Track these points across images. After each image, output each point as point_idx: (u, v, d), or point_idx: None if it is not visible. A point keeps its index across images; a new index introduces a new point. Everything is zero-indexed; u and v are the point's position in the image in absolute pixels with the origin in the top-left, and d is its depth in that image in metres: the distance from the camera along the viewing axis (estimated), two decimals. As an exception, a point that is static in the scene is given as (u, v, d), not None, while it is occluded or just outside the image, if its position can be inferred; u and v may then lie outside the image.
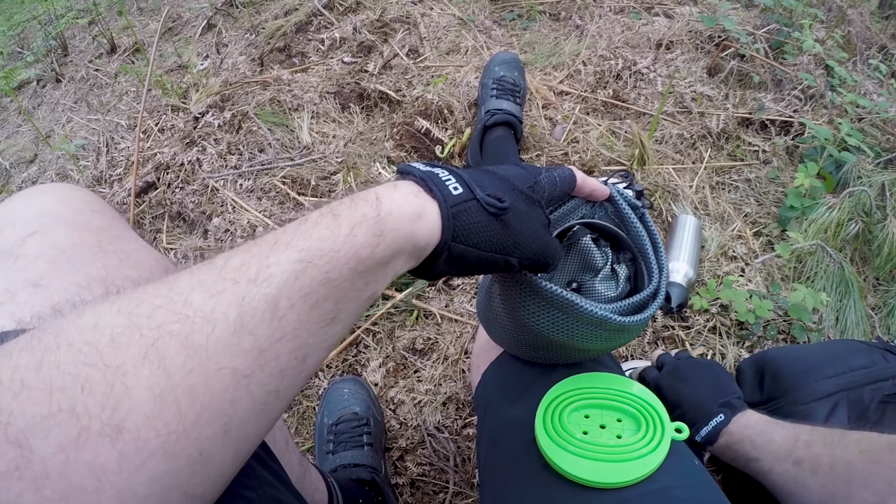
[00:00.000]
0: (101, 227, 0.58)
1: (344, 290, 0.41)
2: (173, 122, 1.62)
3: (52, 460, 0.29)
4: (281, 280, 0.38)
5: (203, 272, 0.38)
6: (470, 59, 1.76)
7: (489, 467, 0.71)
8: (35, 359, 0.32)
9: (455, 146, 1.53)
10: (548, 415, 0.63)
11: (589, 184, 0.64)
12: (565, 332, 0.61)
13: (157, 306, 0.35)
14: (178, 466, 0.33)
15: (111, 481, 0.31)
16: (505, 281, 0.64)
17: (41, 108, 1.95)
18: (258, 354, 0.36)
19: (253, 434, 0.38)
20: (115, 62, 2.01)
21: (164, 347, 0.33)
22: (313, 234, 0.41)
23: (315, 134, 1.60)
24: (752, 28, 1.76)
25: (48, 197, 0.59)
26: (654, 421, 0.62)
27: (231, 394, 0.35)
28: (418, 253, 0.46)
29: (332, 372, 1.25)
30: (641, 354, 1.22)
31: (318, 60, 1.78)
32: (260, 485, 0.48)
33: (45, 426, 0.30)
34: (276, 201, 1.48)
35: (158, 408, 0.32)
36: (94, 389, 0.31)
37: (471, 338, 1.26)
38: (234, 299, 0.36)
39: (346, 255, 0.40)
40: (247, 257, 0.39)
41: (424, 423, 1.18)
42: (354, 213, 0.42)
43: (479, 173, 0.53)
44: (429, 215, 0.46)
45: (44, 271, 0.49)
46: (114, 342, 0.33)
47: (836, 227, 1.37)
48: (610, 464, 0.58)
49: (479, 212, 0.49)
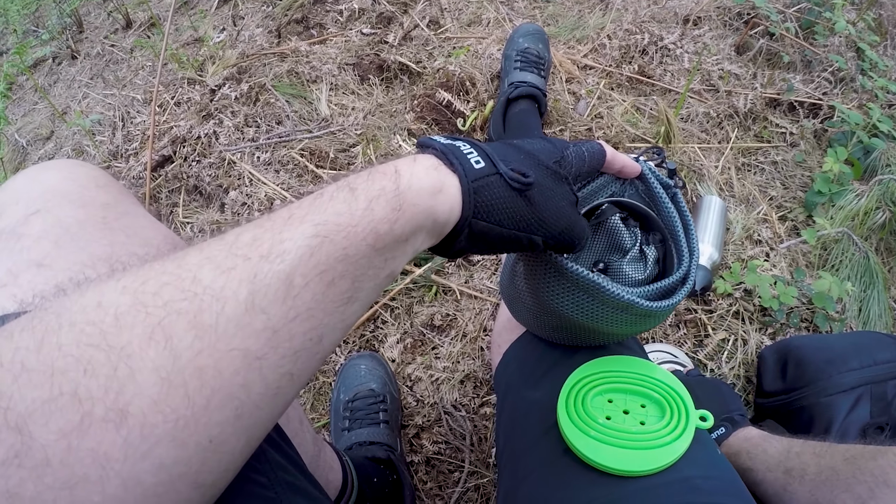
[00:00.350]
0: (107, 203, 0.56)
1: (362, 268, 0.39)
2: (189, 96, 1.61)
3: (54, 447, 0.28)
4: (295, 256, 0.36)
5: (213, 248, 0.36)
6: (492, 30, 1.72)
7: (508, 449, 0.70)
8: (36, 340, 0.30)
9: (477, 119, 1.50)
10: (570, 398, 0.62)
11: (619, 160, 0.61)
12: (590, 315, 0.59)
13: (164, 283, 0.33)
14: (188, 454, 0.31)
15: (115, 470, 0.29)
16: (529, 260, 0.62)
17: (57, 85, 1.94)
18: (271, 335, 0.35)
19: (266, 419, 0.36)
20: (131, 37, 1.99)
21: (172, 327, 0.32)
22: (329, 209, 0.39)
23: (334, 106, 1.58)
24: (782, 6, 1.70)
25: (52, 174, 0.57)
26: (678, 408, 0.61)
27: (242, 377, 0.33)
28: (439, 229, 0.44)
29: (349, 348, 1.25)
30: (663, 337, 1.20)
31: (337, 32, 1.75)
32: (272, 469, 0.46)
33: (45, 411, 0.28)
34: (293, 174, 1.47)
35: (165, 391, 0.31)
36: (97, 372, 0.30)
37: (490, 315, 1.24)
38: (246, 276, 0.34)
39: (364, 230, 0.39)
40: (259, 232, 0.37)
41: (441, 401, 1.17)
42: (372, 187, 0.40)
43: (503, 147, 0.51)
44: (449, 190, 0.44)
45: (47, 251, 0.48)
46: (118, 321, 0.31)
47: (863, 216, 1.34)
48: (633, 451, 0.57)
49: (503, 187, 0.46)
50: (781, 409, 1.02)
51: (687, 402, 0.61)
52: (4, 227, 0.50)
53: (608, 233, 0.66)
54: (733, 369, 1.17)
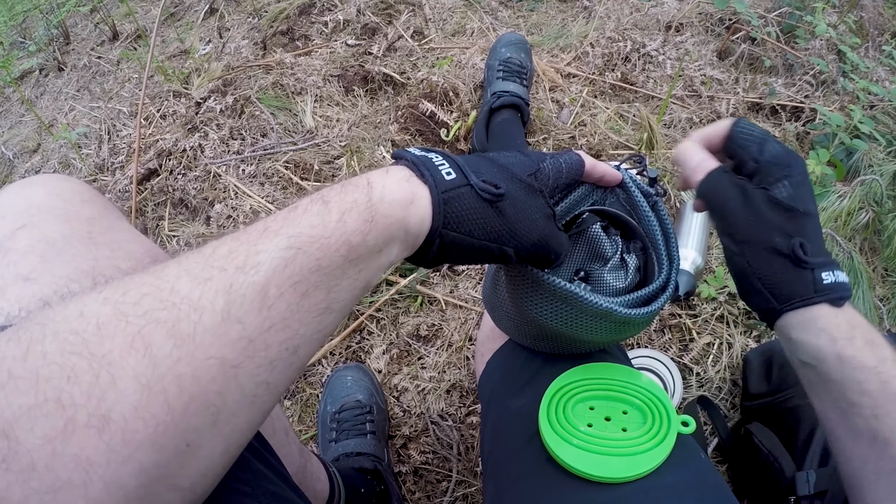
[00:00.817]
0: (92, 217, 0.57)
1: (336, 278, 0.40)
2: (175, 108, 1.61)
3: (39, 452, 0.29)
4: (269, 268, 0.37)
5: (191, 260, 0.37)
6: (476, 40, 1.73)
7: (492, 459, 0.70)
8: (21, 349, 0.31)
9: (460, 129, 1.50)
10: (552, 406, 0.62)
11: (599, 169, 0.62)
12: (570, 323, 0.59)
13: (143, 294, 0.34)
14: (167, 458, 0.32)
15: (99, 474, 0.30)
16: (510, 270, 0.62)
17: (44, 97, 1.94)
18: (247, 344, 0.35)
19: (244, 426, 0.37)
20: (118, 49, 1.99)
21: (151, 336, 0.33)
22: (303, 221, 0.40)
23: (318, 118, 1.58)
24: (763, 11, 1.72)
25: (37, 189, 0.57)
26: (660, 414, 0.61)
27: (219, 384, 0.34)
28: (412, 240, 0.45)
29: (336, 359, 1.25)
30: (648, 342, 1.21)
31: (322, 43, 1.76)
32: (255, 479, 0.47)
33: (31, 417, 0.29)
34: (278, 186, 1.47)
35: (146, 398, 0.31)
36: (79, 379, 0.30)
37: (475, 324, 1.24)
38: (222, 287, 0.35)
39: (337, 241, 0.40)
40: (235, 245, 0.38)
41: (428, 411, 1.17)
42: (345, 199, 0.42)
43: (476, 159, 0.52)
44: (420, 201, 0.45)
45: (33, 265, 0.48)
46: (99, 330, 0.32)
47: (846, 216, 1.34)
48: (614, 458, 0.57)
49: (473, 198, 0.47)
50: (767, 410, 1.03)
51: (669, 408, 0.61)
52: None
53: (589, 241, 0.66)
54: (719, 372, 1.17)
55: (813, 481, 0.86)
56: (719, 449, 1.10)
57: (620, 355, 0.75)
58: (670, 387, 1.10)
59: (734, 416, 1.14)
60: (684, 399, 1.14)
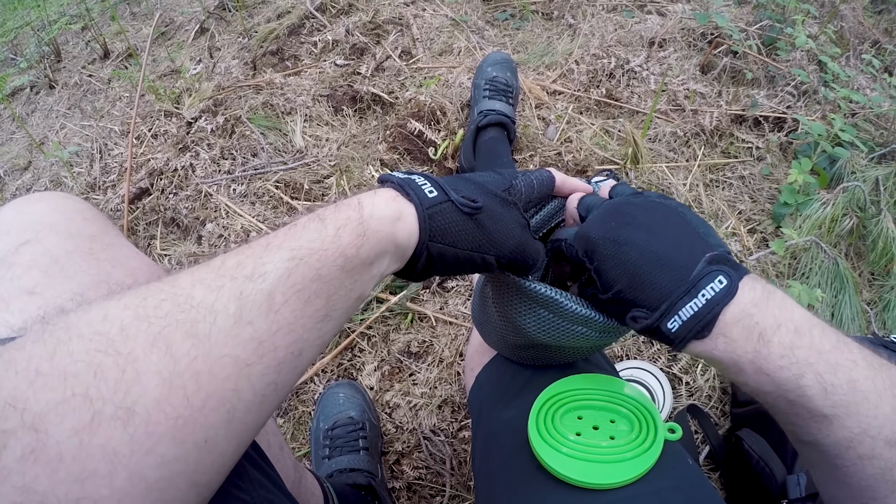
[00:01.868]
0: (94, 235, 0.58)
1: (334, 288, 0.44)
2: (166, 128, 1.62)
3: (67, 444, 0.31)
4: (275, 276, 0.41)
5: (202, 271, 0.40)
6: (462, 59, 1.75)
7: (483, 470, 0.71)
8: (48, 349, 0.33)
9: (448, 148, 1.52)
10: (540, 417, 0.63)
11: (569, 184, 0.66)
12: (552, 330, 0.61)
13: (162, 300, 0.37)
14: (186, 451, 0.35)
15: (123, 464, 0.32)
16: (496, 281, 0.65)
17: (35, 114, 1.95)
18: (257, 345, 0.39)
19: (252, 425, 0.40)
20: (109, 67, 2.00)
21: (171, 336, 0.35)
22: (303, 236, 0.44)
23: (308, 137, 1.60)
24: (744, 25, 1.75)
25: (40, 206, 0.59)
26: (647, 422, 0.62)
27: (233, 382, 0.37)
28: (401, 253, 0.50)
29: (328, 376, 1.25)
30: (637, 354, 1.22)
31: (311, 63, 1.78)
32: (253, 487, 0.48)
33: (59, 411, 0.31)
34: (269, 206, 1.48)
35: (167, 392, 0.34)
36: (106, 375, 0.33)
37: (465, 340, 1.25)
38: (233, 293, 0.39)
39: (334, 253, 0.44)
40: (242, 258, 0.41)
41: (420, 427, 1.17)
42: (339, 217, 0.46)
43: (454, 179, 0.57)
44: (407, 218, 0.49)
45: (37, 279, 0.50)
46: (123, 331, 0.35)
47: (830, 223, 1.37)
48: (603, 464, 0.58)
49: (454, 212, 0.52)
50: (756, 416, 1.04)
51: (656, 417, 0.62)
52: None
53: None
54: (708, 381, 1.18)
55: (804, 484, 0.87)
56: (711, 457, 1.11)
57: (608, 366, 0.76)
58: (660, 397, 1.11)
59: (725, 424, 1.15)
60: (674, 408, 1.15)
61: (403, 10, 1.89)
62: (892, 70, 1.77)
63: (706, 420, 1.10)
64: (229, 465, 0.39)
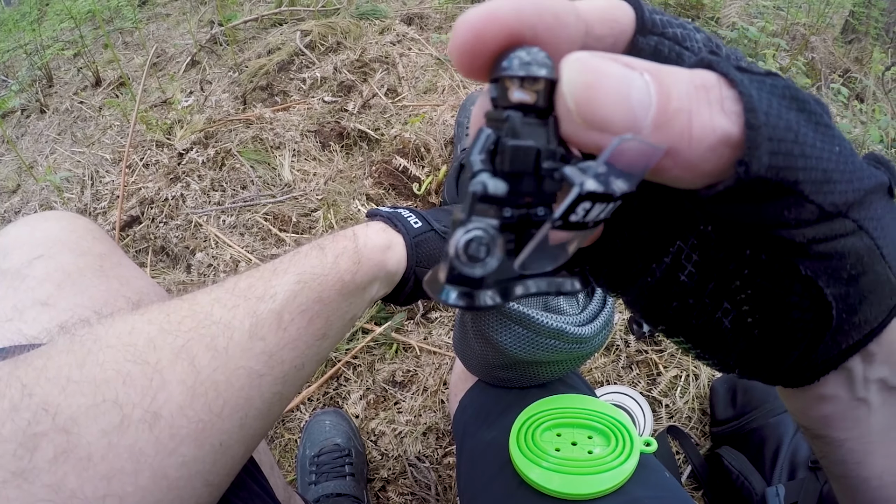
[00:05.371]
0: (103, 253, 0.62)
1: (332, 310, 0.48)
2: (158, 158, 1.65)
3: (97, 444, 0.34)
4: (283, 298, 0.45)
5: (218, 291, 0.45)
6: (446, 97, 1.81)
7: (468, 491, 0.74)
8: (77, 359, 0.36)
9: (432, 183, 1.57)
10: (521, 434, 0.66)
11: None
12: (527, 345, 0.66)
13: (184, 316, 0.42)
14: (204, 453, 0.38)
15: (148, 463, 0.35)
16: None
17: (25, 138, 1.97)
18: (268, 358, 0.43)
19: (260, 431, 0.44)
20: (100, 95, 2.03)
21: (194, 348, 0.39)
22: (306, 263, 0.49)
23: (296, 172, 1.64)
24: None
25: (52, 224, 0.63)
26: (622, 436, 0.65)
27: (247, 391, 0.41)
28: (390, 279, 0.56)
29: (314, 405, 1.27)
30: (617, 379, 1.25)
31: (300, 99, 1.83)
32: (251, 497, 0.51)
33: (91, 414, 0.34)
34: (258, 237, 1.51)
35: (190, 399, 0.38)
36: (134, 382, 0.36)
37: (449, 369, 1.28)
38: (248, 312, 0.43)
39: (333, 279, 0.48)
40: (252, 281, 0.46)
41: (405, 454, 1.19)
42: (337, 246, 0.52)
43: (435, 211, 0.64)
44: (396, 247, 0.56)
45: (50, 292, 0.53)
46: (150, 343, 0.38)
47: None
48: (582, 476, 0.61)
49: (437, 240, 0.58)
50: (734, 434, 1.08)
51: (630, 431, 0.66)
52: (9, 267, 0.56)
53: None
54: (687, 403, 1.22)
55: (783, 495, 0.91)
56: (694, 476, 1.14)
57: (584, 387, 0.80)
58: (640, 420, 1.15)
59: (705, 444, 1.18)
60: (655, 430, 1.18)
61: (390, 49, 1.96)
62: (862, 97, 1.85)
63: (687, 440, 1.14)
64: (237, 469, 0.43)
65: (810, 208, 0.21)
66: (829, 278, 0.23)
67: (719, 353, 0.27)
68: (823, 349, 0.25)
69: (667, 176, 0.21)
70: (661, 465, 0.68)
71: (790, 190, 0.20)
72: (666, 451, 1.11)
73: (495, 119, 0.22)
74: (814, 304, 0.23)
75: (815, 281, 0.23)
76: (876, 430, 0.29)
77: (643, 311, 0.28)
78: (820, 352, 0.25)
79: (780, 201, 0.21)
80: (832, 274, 0.23)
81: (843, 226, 0.22)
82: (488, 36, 0.20)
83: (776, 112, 0.20)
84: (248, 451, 0.44)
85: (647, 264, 0.26)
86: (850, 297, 0.23)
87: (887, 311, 0.25)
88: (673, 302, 0.26)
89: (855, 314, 0.24)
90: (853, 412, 0.28)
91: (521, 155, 0.21)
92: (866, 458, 0.29)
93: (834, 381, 0.27)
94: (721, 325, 0.26)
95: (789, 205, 0.21)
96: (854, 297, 0.23)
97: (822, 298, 0.23)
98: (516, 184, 0.21)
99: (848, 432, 0.29)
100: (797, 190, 0.20)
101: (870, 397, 0.28)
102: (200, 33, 2.17)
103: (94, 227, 0.67)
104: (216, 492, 0.41)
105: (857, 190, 0.22)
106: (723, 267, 0.24)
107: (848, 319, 0.24)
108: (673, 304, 0.26)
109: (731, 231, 0.23)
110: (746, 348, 0.26)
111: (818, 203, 0.21)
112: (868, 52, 2.02)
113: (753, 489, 0.96)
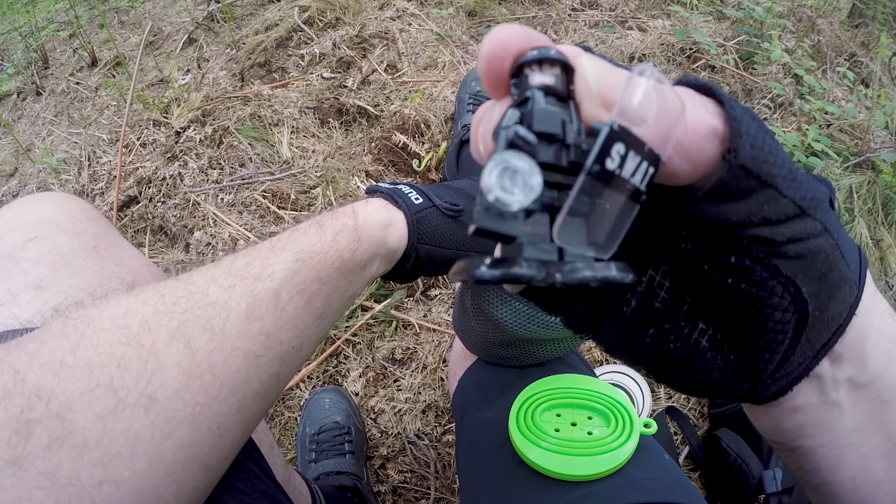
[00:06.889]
0: (97, 234, 0.61)
1: (331, 288, 0.47)
2: (155, 137, 1.64)
3: (92, 430, 0.33)
4: (281, 276, 0.44)
5: (214, 271, 0.44)
6: (447, 73, 1.79)
7: (467, 470, 0.73)
8: (71, 342, 0.35)
9: (432, 160, 1.55)
10: (521, 414, 0.66)
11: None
12: (527, 321, 0.65)
13: (179, 297, 0.40)
14: (201, 436, 0.37)
15: (144, 448, 0.34)
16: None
17: (21, 120, 1.95)
18: (265, 339, 0.42)
19: (258, 413, 0.43)
20: (97, 76, 2.01)
21: (189, 330, 0.38)
22: (304, 240, 0.47)
23: (295, 149, 1.62)
24: (722, 40, 1.81)
25: (46, 204, 0.61)
26: (622, 417, 0.65)
27: (244, 373, 0.40)
28: (391, 256, 0.54)
29: (313, 383, 1.27)
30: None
31: (298, 76, 1.81)
32: (249, 477, 0.50)
33: (85, 400, 0.33)
34: (256, 215, 1.50)
35: (186, 381, 0.37)
36: (129, 366, 0.35)
37: (448, 347, 1.28)
38: (245, 292, 0.42)
39: (332, 257, 0.47)
40: (250, 259, 0.45)
41: (405, 431, 1.19)
42: (336, 223, 0.50)
43: (436, 187, 0.62)
44: (397, 223, 0.54)
45: (44, 274, 0.52)
46: (144, 325, 0.37)
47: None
48: (581, 457, 0.60)
49: (439, 216, 0.57)
50: (733, 416, 1.08)
51: (630, 412, 0.65)
52: (2, 250, 0.54)
53: None
54: (686, 388, 1.21)
55: (780, 478, 0.91)
56: (691, 457, 1.14)
57: (584, 367, 0.79)
58: (639, 399, 1.14)
59: (703, 425, 1.18)
60: (654, 410, 1.18)
61: (389, 25, 1.92)
62: (868, 82, 1.83)
63: (685, 421, 1.13)
64: (235, 451, 0.42)
65: (785, 203, 0.24)
66: (804, 277, 0.26)
67: (699, 373, 0.29)
68: (800, 351, 0.27)
69: (671, 167, 0.24)
70: (660, 447, 0.68)
71: (767, 184, 0.24)
72: (664, 431, 1.11)
73: (517, 104, 0.24)
74: (792, 302, 0.26)
75: (793, 280, 0.25)
76: (849, 431, 0.30)
77: (619, 344, 0.29)
78: (798, 353, 0.27)
79: (760, 196, 0.24)
80: (807, 273, 0.26)
81: (814, 226, 0.25)
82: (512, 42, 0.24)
83: (748, 118, 0.24)
84: (246, 433, 0.43)
85: (622, 295, 0.28)
86: (821, 293, 0.26)
87: (848, 308, 0.28)
88: (650, 329, 0.28)
89: (825, 311, 0.27)
90: (825, 417, 0.30)
91: (549, 116, 0.22)
92: (841, 462, 0.31)
93: (806, 388, 0.29)
94: (699, 346, 0.28)
95: (768, 199, 0.24)
96: (824, 293, 0.26)
97: (799, 297, 0.26)
98: (545, 149, 0.22)
99: (821, 439, 0.31)
100: (773, 185, 0.24)
101: (840, 399, 0.30)
102: (197, 10, 2.14)
103: (88, 207, 0.65)
104: (214, 475, 0.40)
105: (814, 193, 0.25)
106: (703, 283, 0.27)
107: (820, 317, 0.27)
108: (651, 332, 0.28)
109: (714, 241, 0.26)
110: (724, 365, 0.28)
111: (790, 197, 0.24)
112: (875, 37, 2.00)
113: (751, 472, 0.96)
